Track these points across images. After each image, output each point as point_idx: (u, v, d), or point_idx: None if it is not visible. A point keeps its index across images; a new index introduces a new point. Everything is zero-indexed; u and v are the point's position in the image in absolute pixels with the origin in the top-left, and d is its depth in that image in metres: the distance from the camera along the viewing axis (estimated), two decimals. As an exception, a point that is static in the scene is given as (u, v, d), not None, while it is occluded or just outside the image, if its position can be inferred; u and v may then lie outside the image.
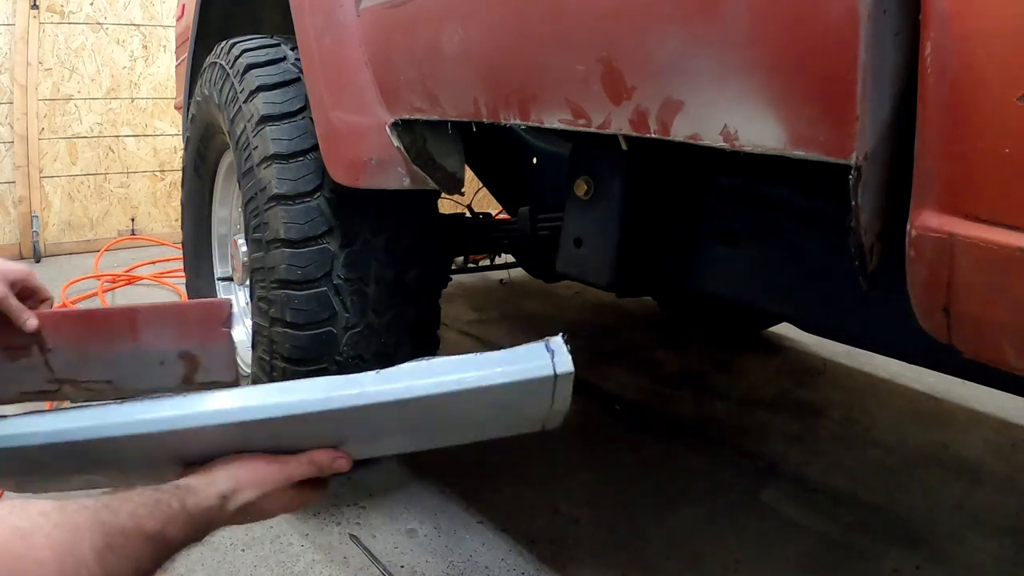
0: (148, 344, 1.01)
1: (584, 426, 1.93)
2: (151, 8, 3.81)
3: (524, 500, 1.53)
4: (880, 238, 0.62)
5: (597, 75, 0.72)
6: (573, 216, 1.19)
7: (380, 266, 1.34)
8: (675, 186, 1.15)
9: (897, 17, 0.53)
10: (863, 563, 1.36)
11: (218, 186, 1.82)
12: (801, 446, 1.82)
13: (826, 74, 0.54)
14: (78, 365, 0.99)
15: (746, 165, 1.07)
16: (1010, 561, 1.37)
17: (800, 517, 1.50)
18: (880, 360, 2.24)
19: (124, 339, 1.00)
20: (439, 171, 1.17)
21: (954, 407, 2.07)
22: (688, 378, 2.26)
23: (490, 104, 0.91)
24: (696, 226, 1.14)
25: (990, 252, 0.50)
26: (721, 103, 0.63)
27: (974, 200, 0.51)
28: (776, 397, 2.12)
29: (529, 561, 1.33)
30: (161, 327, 1.02)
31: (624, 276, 1.15)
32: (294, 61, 1.36)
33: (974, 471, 1.71)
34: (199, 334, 1.02)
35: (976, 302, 0.53)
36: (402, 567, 1.30)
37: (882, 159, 0.57)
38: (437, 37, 0.96)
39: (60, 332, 0.97)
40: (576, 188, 1.16)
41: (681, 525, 1.45)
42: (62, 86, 3.64)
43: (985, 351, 0.56)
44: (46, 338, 0.96)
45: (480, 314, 2.83)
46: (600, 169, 1.15)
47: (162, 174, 4.01)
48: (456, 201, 2.38)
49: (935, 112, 0.51)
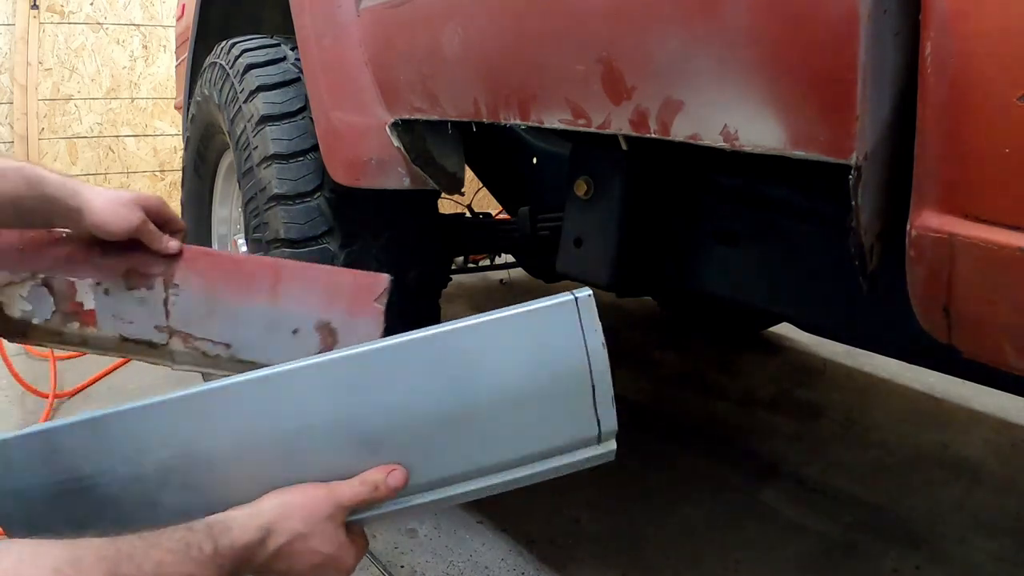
0: (286, 306, 0.88)
1: (584, 426, 1.93)
2: (151, 8, 3.80)
3: (524, 500, 1.53)
4: (880, 238, 0.62)
5: (597, 75, 0.72)
6: (573, 216, 1.19)
7: (380, 266, 1.33)
8: (675, 186, 1.14)
9: (897, 17, 0.53)
10: (863, 563, 1.36)
11: (218, 186, 1.82)
12: (801, 446, 1.82)
13: (826, 74, 0.54)
14: (200, 315, 0.89)
15: (746, 165, 1.07)
16: (1010, 561, 1.37)
17: (800, 517, 1.50)
18: (880, 360, 2.24)
19: (260, 294, 0.88)
20: (439, 171, 1.17)
21: (954, 407, 2.07)
22: (688, 378, 2.26)
23: (490, 104, 0.91)
24: (696, 226, 1.14)
25: (990, 252, 0.50)
26: (721, 103, 0.63)
27: (974, 200, 0.51)
28: (776, 397, 2.12)
29: (529, 561, 1.33)
30: (306, 289, 0.89)
31: (624, 276, 1.15)
32: (294, 61, 1.36)
33: (974, 471, 1.71)
34: (346, 305, 0.89)
35: (976, 302, 0.53)
36: (402, 567, 1.30)
37: (882, 159, 0.57)
38: (437, 37, 0.96)
39: (193, 269, 0.89)
40: (576, 188, 1.16)
41: (681, 525, 1.45)
42: (62, 86, 3.64)
43: (985, 351, 0.56)
44: (175, 272, 0.88)
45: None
46: (600, 169, 1.15)
47: (162, 174, 4.00)
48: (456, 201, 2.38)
49: (935, 112, 0.51)
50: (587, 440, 0.74)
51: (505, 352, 0.71)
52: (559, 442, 0.73)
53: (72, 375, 2.02)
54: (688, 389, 2.18)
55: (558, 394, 0.72)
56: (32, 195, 0.82)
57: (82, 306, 0.89)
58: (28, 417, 1.80)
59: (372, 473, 0.69)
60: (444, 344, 0.71)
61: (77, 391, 1.96)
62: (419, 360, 0.70)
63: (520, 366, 0.71)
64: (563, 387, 0.72)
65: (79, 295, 0.88)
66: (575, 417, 0.73)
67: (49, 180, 0.83)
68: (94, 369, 2.04)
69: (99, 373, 2.02)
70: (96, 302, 0.89)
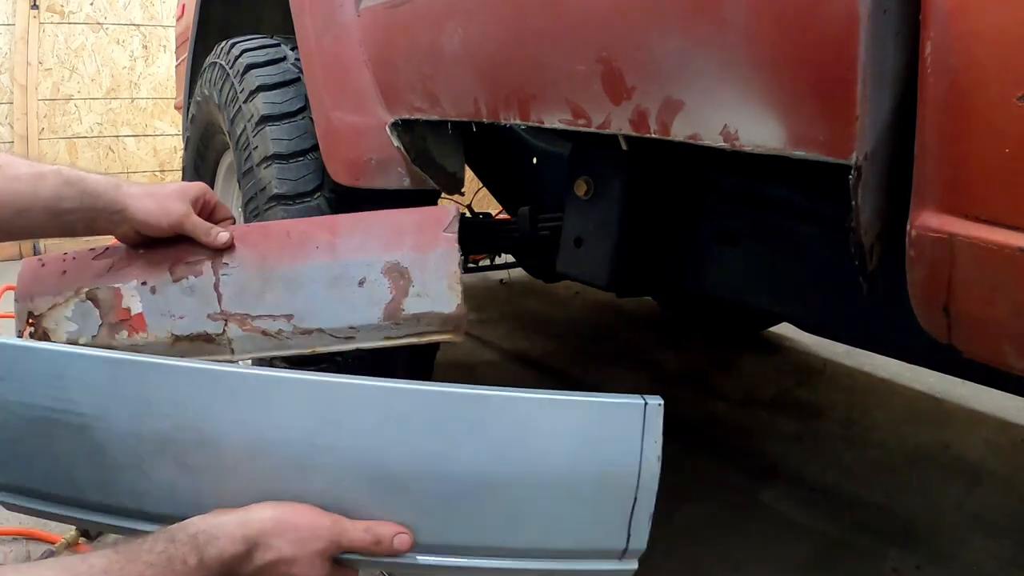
0: (348, 257, 0.80)
1: (584, 426, 1.93)
2: (151, 8, 3.81)
3: (524, 500, 1.53)
4: (880, 238, 0.62)
5: (597, 75, 0.72)
6: (573, 216, 1.19)
7: (380, 266, 1.33)
8: (675, 186, 1.14)
9: (897, 17, 0.52)
10: (863, 563, 1.36)
11: (218, 186, 1.82)
12: (801, 446, 1.82)
13: (826, 74, 0.54)
14: (255, 291, 0.81)
15: (746, 165, 1.07)
16: (1010, 561, 1.37)
17: (800, 517, 1.50)
18: (880, 360, 2.24)
19: (318, 252, 0.80)
20: (439, 171, 1.17)
21: (954, 407, 2.07)
22: (688, 378, 2.26)
23: (490, 104, 0.91)
24: (696, 226, 1.14)
25: (990, 252, 0.50)
26: (721, 103, 0.63)
27: (974, 200, 0.51)
28: (776, 397, 2.12)
29: (529, 561, 1.33)
30: (367, 236, 0.81)
31: (624, 276, 1.15)
32: (294, 61, 1.36)
33: (974, 471, 1.71)
34: (413, 241, 0.81)
35: (976, 302, 0.53)
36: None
37: (882, 159, 0.57)
38: (437, 37, 0.96)
39: (244, 245, 0.83)
40: (576, 188, 1.16)
41: (681, 525, 1.45)
42: (62, 86, 3.64)
43: (985, 351, 0.56)
44: (225, 253, 0.83)
45: (480, 314, 2.83)
46: (600, 169, 1.14)
47: (162, 174, 4.01)
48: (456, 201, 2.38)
49: (935, 112, 0.51)
50: (611, 552, 0.70)
51: (559, 434, 0.68)
52: (582, 545, 0.70)
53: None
54: (688, 389, 2.18)
55: (598, 495, 0.69)
56: (72, 194, 0.78)
57: (129, 312, 0.83)
58: (28, 417, 1.79)
59: (381, 526, 0.65)
60: (500, 407, 0.68)
61: (77, 391, 1.95)
62: (471, 414, 0.68)
63: (569, 454, 0.68)
64: (606, 489, 0.69)
65: (125, 301, 0.83)
66: (607, 524, 0.69)
67: (89, 179, 0.80)
68: (94, 369, 2.04)
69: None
70: (143, 303, 0.82)
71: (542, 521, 0.69)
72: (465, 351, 2.42)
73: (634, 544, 0.69)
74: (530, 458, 0.68)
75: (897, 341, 0.95)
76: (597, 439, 0.68)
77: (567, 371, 2.30)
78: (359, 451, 0.67)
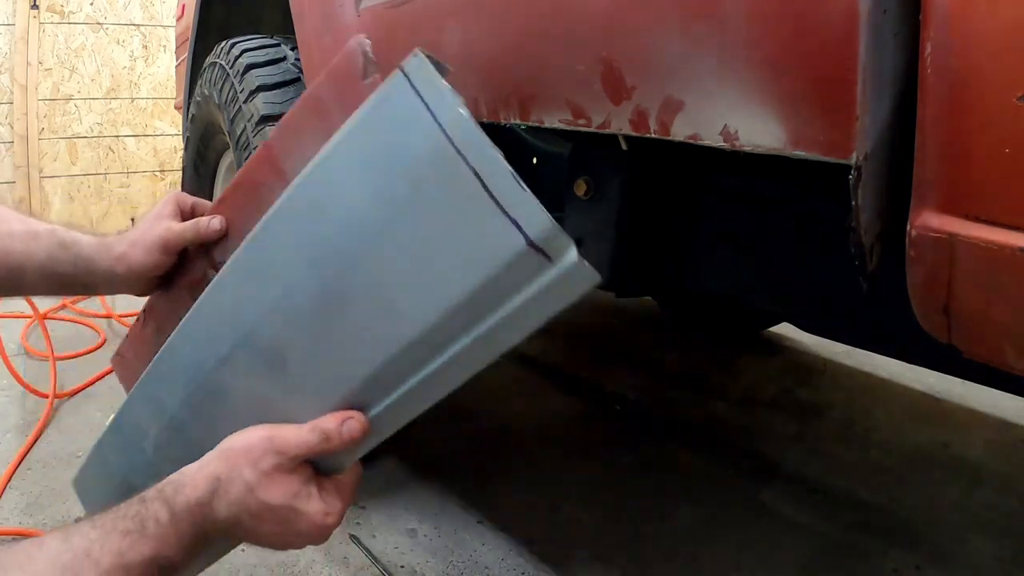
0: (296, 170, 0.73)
1: (584, 426, 1.93)
2: (151, 8, 3.80)
3: (524, 500, 1.53)
4: (880, 238, 0.62)
5: (597, 75, 0.72)
6: (573, 216, 1.19)
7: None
8: (675, 186, 1.15)
9: (897, 17, 0.52)
10: (863, 563, 1.36)
11: (218, 186, 1.82)
12: (801, 446, 1.82)
13: (826, 74, 0.54)
14: (231, 250, 0.79)
15: (746, 165, 1.07)
16: (1010, 561, 1.37)
17: (800, 517, 1.50)
18: (880, 360, 2.24)
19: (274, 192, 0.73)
20: (439, 171, 1.16)
21: (954, 407, 2.07)
22: (688, 378, 2.26)
23: (490, 104, 0.91)
24: (696, 226, 1.14)
25: (990, 252, 0.50)
26: (721, 103, 0.63)
27: (974, 200, 0.51)
28: (776, 397, 2.12)
29: (529, 561, 1.33)
30: (301, 141, 0.73)
31: (624, 276, 1.15)
32: (294, 61, 1.36)
33: (974, 471, 1.71)
34: (340, 113, 0.70)
35: (976, 302, 0.53)
36: (402, 567, 1.30)
37: (882, 159, 0.57)
38: (437, 37, 0.96)
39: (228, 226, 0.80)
40: (576, 188, 1.16)
41: (681, 525, 1.45)
42: (62, 86, 3.64)
43: (985, 351, 0.56)
44: (217, 249, 0.81)
45: (480, 314, 2.83)
46: (600, 169, 1.15)
47: (162, 174, 4.00)
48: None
49: (935, 112, 0.51)
50: (519, 257, 0.51)
51: (352, 188, 0.56)
52: (481, 272, 0.52)
53: (72, 375, 2.02)
54: (688, 389, 2.18)
55: (434, 206, 0.53)
56: (67, 258, 0.76)
57: None
58: (28, 417, 1.80)
59: (325, 420, 0.60)
60: (280, 222, 0.61)
61: (77, 391, 1.96)
62: (268, 251, 0.61)
63: (375, 195, 0.55)
64: (434, 194, 0.53)
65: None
66: (477, 228, 0.52)
67: (83, 243, 0.77)
68: (94, 369, 2.04)
69: (99, 373, 2.01)
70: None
71: (416, 282, 0.55)
72: (465, 351, 2.42)
73: (531, 227, 0.50)
74: (344, 236, 0.57)
75: (897, 341, 0.95)
76: (387, 156, 0.55)
77: (567, 371, 2.30)
78: (233, 352, 0.63)
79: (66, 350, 2.08)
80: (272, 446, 0.58)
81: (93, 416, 1.82)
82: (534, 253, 0.51)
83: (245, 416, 0.62)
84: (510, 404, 2.01)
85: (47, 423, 1.76)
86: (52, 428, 1.76)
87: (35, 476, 1.54)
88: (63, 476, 1.54)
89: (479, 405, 1.99)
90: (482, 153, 0.51)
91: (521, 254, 0.51)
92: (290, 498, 0.58)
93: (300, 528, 0.59)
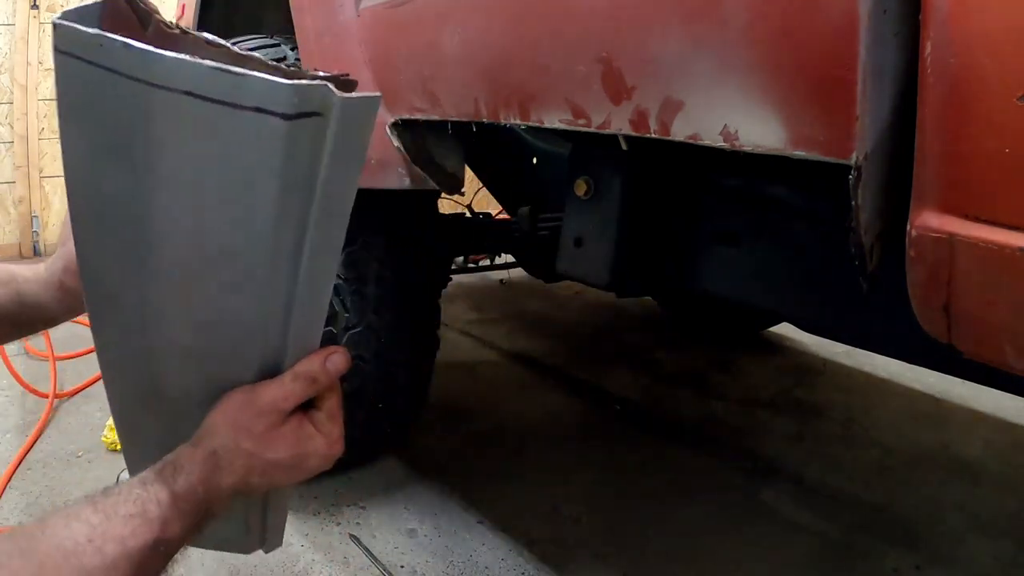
0: None
1: (584, 426, 1.93)
2: (151, 8, 3.80)
3: (524, 500, 1.53)
4: (880, 238, 0.62)
5: (597, 75, 0.72)
6: (573, 216, 1.19)
7: (380, 266, 1.33)
8: (675, 186, 1.15)
9: (897, 17, 0.52)
10: (863, 563, 1.36)
11: (218, 186, 1.82)
12: (801, 446, 1.82)
13: (826, 74, 0.54)
14: None
15: (746, 165, 1.07)
16: (1010, 561, 1.37)
17: (800, 517, 1.50)
18: (880, 360, 2.24)
19: None
20: (439, 171, 1.17)
21: (954, 407, 2.07)
22: (688, 378, 2.26)
23: (490, 104, 0.91)
24: (696, 226, 1.14)
25: (990, 252, 0.50)
26: (721, 103, 0.63)
27: (974, 200, 0.51)
28: (776, 397, 2.12)
29: (529, 561, 1.33)
30: None
31: (624, 276, 1.15)
32: (294, 61, 1.36)
33: (974, 471, 1.71)
34: None
35: (976, 302, 0.53)
36: (402, 567, 1.30)
37: (882, 159, 0.57)
38: (437, 37, 0.96)
39: None
40: (576, 188, 1.16)
41: (681, 525, 1.45)
42: (62, 86, 3.64)
43: (985, 351, 0.56)
44: None
45: (480, 314, 2.83)
46: (600, 169, 1.15)
47: (162, 174, 4.00)
48: (456, 201, 2.38)
49: (935, 112, 0.51)
50: (288, 135, 0.48)
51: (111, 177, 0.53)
52: (273, 170, 0.49)
53: (72, 375, 2.02)
54: (688, 389, 2.18)
55: (184, 145, 0.50)
56: (9, 295, 0.72)
57: None
58: (28, 417, 1.80)
59: (305, 364, 0.59)
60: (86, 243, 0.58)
61: (77, 391, 1.96)
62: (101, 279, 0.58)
63: (139, 169, 0.52)
64: (175, 134, 0.50)
65: None
66: (235, 138, 0.49)
67: (20, 276, 0.73)
68: (94, 369, 2.04)
69: (99, 373, 2.01)
70: None
71: (233, 207, 0.52)
72: (465, 351, 2.42)
73: (277, 103, 0.46)
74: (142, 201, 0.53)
75: (897, 341, 0.95)
76: (104, 122, 0.51)
77: (567, 371, 2.30)
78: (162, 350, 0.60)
79: (66, 350, 2.08)
80: (257, 409, 0.58)
81: (93, 416, 1.82)
82: (301, 119, 0.47)
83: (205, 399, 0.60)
84: (510, 404, 2.01)
85: (47, 423, 1.76)
86: (52, 428, 1.76)
87: (35, 476, 1.54)
88: (63, 476, 1.54)
89: (479, 405, 1.99)
90: (177, 71, 0.46)
91: (292, 129, 0.47)
92: (294, 446, 0.59)
93: (310, 465, 0.60)
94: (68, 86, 0.52)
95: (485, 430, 1.84)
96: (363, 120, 0.53)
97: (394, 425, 1.53)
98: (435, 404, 1.69)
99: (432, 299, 1.47)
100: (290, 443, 0.59)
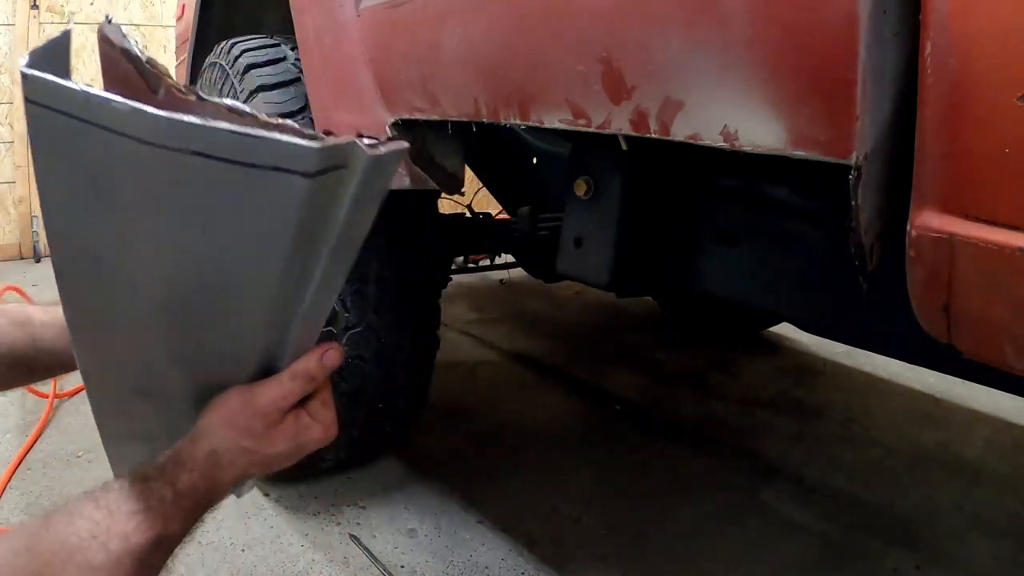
0: None
1: (584, 426, 1.93)
2: (151, 8, 3.81)
3: (524, 500, 1.53)
4: (880, 238, 0.62)
5: (597, 75, 0.72)
6: (573, 216, 1.19)
7: (380, 266, 1.33)
8: (675, 186, 1.15)
9: (897, 17, 0.52)
10: (863, 563, 1.36)
11: (218, 186, 1.82)
12: (801, 446, 1.82)
13: (826, 74, 0.54)
14: None
15: (746, 165, 1.07)
16: (1010, 561, 1.37)
17: (800, 517, 1.50)
18: (880, 360, 2.24)
19: None
20: (439, 171, 1.17)
21: (954, 407, 2.07)
22: (688, 378, 2.26)
23: (490, 104, 0.90)
24: (696, 226, 1.14)
25: (990, 252, 0.50)
26: (721, 103, 0.63)
27: (974, 200, 0.51)
28: (776, 397, 2.12)
29: (529, 561, 1.33)
30: None
31: (624, 276, 1.15)
32: (294, 61, 1.36)
33: (974, 471, 1.71)
34: None
35: (976, 302, 0.53)
36: (402, 567, 1.30)
37: (882, 159, 0.57)
38: (437, 37, 0.96)
39: None
40: (576, 188, 1.16)
41: (681, 525, 1.45)
42: (62, 86, 3.64)
43: (985, 351, 0.56)
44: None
45: (480, 314, 2.83)
46: (600, 169, 1.15)
47: (162, 174, 4.01)
48: (456, 201, 2.38)
49: (935, 112, 0.51)
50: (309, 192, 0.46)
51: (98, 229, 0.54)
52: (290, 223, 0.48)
53: (72, 375, 2.02)
54: (688, 389, 2.18)
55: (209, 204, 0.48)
56: (23, 337, 0.73)
57: None
58: (28, 417, 1.80)
59: (303, 363, 0.59)
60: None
61: (77, 391, 1.96)
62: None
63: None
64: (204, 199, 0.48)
65: None
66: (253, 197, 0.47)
67: (36, 319, 0.73)
68: (94, 369, 2.04)
69: (99, 373, 2.01)
70: None
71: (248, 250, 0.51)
72: (465, 351, 2.42)
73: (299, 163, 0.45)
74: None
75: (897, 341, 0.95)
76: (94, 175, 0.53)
77: (567, 371, 2.30)
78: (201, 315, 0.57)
79: (66, 350, 2.08)
80: (256, 409, 0.58)
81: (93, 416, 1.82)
82: (323, 175, 0.46)
83: (199, 397, 0.61)
84: (510, 404, 2.01)
85: (47, 423, 1.76)
86: (52, 428, 1.76)
87: (35, 476, 1.54)
88: (63, 476, 1.54)
89: (479, 405, 1.99)
90: (197, 133, 0.43)
91: (313, 186, 0.46)
92: (293, 438, 0.60)
93: (308, 450, 0.62)
94: (46, 137, 0.52)
95: (485, 430, 1.84)
96: (390, 170, 0.53)
97: (394, 425, 1.53)
98: (435, 404, 1.69)
99: (432, 299, 1.47)
100: (289, 436, 0.60)
